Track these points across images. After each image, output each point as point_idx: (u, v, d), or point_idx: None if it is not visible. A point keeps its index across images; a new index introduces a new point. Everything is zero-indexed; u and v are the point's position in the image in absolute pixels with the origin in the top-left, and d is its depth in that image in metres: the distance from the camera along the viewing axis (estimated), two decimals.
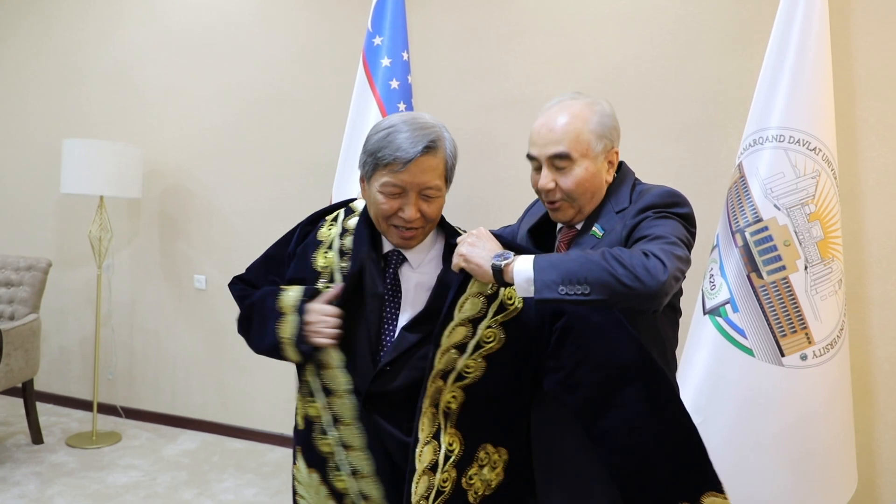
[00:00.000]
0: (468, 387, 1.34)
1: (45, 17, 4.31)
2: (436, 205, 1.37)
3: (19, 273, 3.70)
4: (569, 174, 1.47)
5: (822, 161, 2.42)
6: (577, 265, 1.20)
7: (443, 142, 1.35)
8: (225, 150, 3.92)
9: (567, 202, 1.49)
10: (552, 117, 1.50)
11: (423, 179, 1.33)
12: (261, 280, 1.59)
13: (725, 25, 2.96)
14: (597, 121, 1.49)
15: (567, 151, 1.46)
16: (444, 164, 1.36)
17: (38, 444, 3.65)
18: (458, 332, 1.34)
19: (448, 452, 1.32)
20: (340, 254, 1.45)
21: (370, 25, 2.97)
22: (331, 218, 1.53)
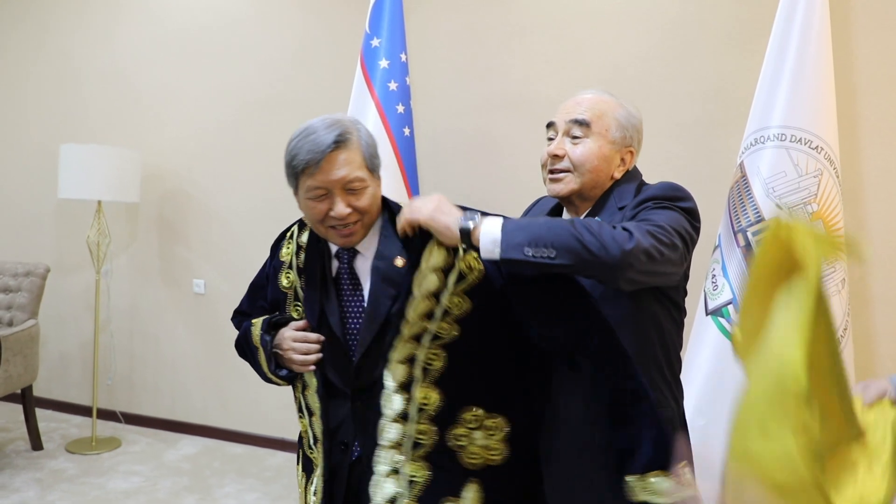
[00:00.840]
0: (447, 346, 1.33)
1: (41, 22, 4.30)
2: (365, 196, 1.35)
3: (17, 279, 3.68)
4: (581, 144, 1.48)
5: (824, 160, 2.41)
6: (544, 229, 1.21)
7: (353, 133, 1.34)
8: (223, 153, 3.91)
9: (570, 174, 1.50)
10: (583, 95, 1.55)
11: (342, 174, 1.31)
12: (252, 308, 1.64)
13: (725, 24, 2.94)
14: (624, 113, 1.52)
15: (588, 119, 1.48)
16: (361, 154, 1.34)
17: (38, 451, 3.63)
18: (423, 305, 1.32)
19: (422, 404, 1.32)
20: (298, 271, 1.47)
21: (368, 27, 2.96)
22: (288, 235, 1.55)
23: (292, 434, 3.55)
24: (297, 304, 1.47)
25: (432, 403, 1.33)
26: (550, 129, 1.56)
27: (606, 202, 1.50)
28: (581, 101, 1.52)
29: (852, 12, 2.74)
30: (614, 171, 1.52)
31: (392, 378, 1.33)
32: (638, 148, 1.58)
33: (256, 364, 1.52)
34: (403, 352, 1.33)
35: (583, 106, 1.51)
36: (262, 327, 1.47)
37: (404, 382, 1.33)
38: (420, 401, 1.32)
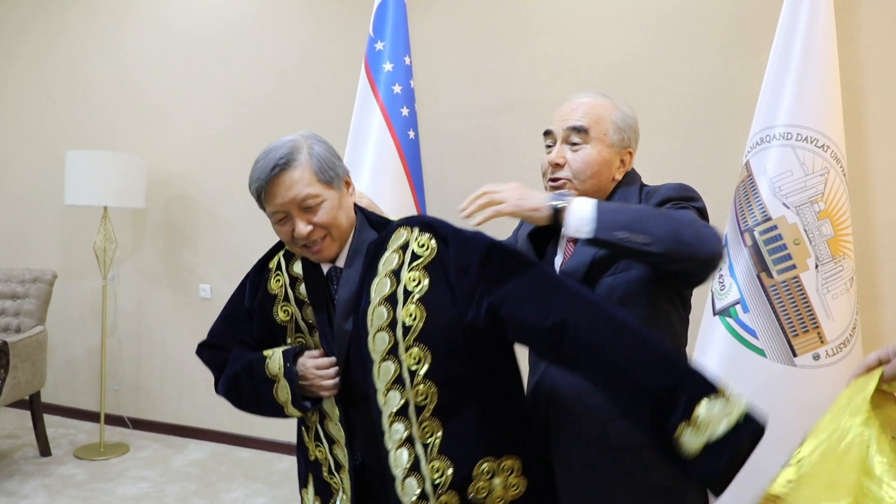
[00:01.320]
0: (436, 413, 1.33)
1: (48, 29, 4.32)
2: (324, 211, 1.34)
3: (25, 285, 3.69)
4: (581, 151, 1.47)
5: (830, 158, 2.39)
6: (642, 215, 1.22)
7: (300, 152, 1.34)
8: (229, 158, 3.92)
9: (571, 182, 1.49)
10: (578, 100, 1.53)
11: (291, 195, 1.32)
12: (227, 342, 1.58)
13: (728, 23, 2.93)
14: (620, 115, 1.51)
15: (586, 126, 1.47)
16: (310, 170, 1.34)
17: (46, 457, 3.64)
18: (384, 283, 1.35)
19: (435, 481, 1.31)
20: (299, 303, 1.45)
21: (371, 30, 2.96)
22: (274, 267, 1.52)
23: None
24: (300, 336, 1.45)
25: (445, 475, 1.32)
26: (548, 136, 1.55)
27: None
28: (577, 107, 1.51)
29: (857, 8, 2.73)
30: (615, 174, 1.52)
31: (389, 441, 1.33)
32: (636, 147, 1.57)
33: (265, 399, 1.44)
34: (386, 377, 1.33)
35: (579, 112, 1.50)
36: (284, 359, 1.41)
37: (413, 464, 1.32)
38: (433, 478, 1.32)
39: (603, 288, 1.41)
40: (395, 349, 1.33)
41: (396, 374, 1.33)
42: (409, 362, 1.32)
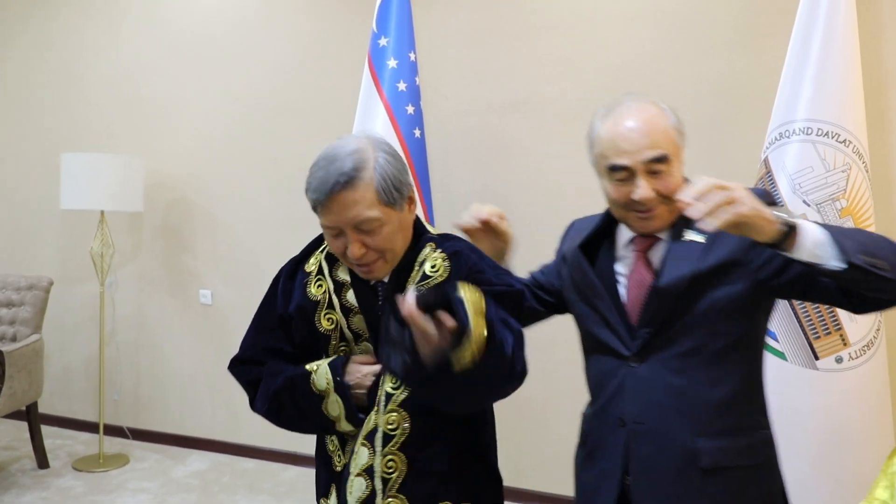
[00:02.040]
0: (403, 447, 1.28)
1: (43, 30, 4.25)
2: (381, 235, 1.25)
3: (20, 293, 3.62)
4: (666, 177, 1.34)
5: (852, 153, 2.33)
6: (871, 241, 1.15)
7: (366, 168, 1.22)
8: (229, 160, 3.85)
9: (665, 206, 1.35)
10: (637, 120, 1.36)
11: (349, 216, 1.22)
12: (262, 354, 1.47)
13: (738, 20, 2.89)
14: (673, 117, 1.41)
15: (666, 153, 1.33)
16: (373, 190, 1.22)
17: (44, 469, 3.56)
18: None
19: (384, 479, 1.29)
20: (345, 311, 1.36)
21: (375, 26, 2.89)
22: (314, 271, 1.42)
23: (306, 448, 3.46)
24: (344, 345, 1.37)
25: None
26: (619, 172, 1.36)
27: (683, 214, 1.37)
28: (646, 133, 1.34)
29: (880, 1, 2.66)
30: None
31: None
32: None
33: (312, 415, 1.35)
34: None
35: (651, 137, 1.34)
36: (333, 372, 1.31)
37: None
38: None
39: (705, 302, 1.33)
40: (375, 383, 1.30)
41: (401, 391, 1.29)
42: (389, 385, 1.28)
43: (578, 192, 3.17)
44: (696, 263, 1.33)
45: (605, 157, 1.37)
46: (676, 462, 1.33)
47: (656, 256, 1.41)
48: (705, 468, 1.32)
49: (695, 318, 1.34)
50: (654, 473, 1.35)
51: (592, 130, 1.44)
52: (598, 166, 1.43)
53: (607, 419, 1.43)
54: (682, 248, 1.36)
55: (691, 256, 1.34)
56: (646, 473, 1.36)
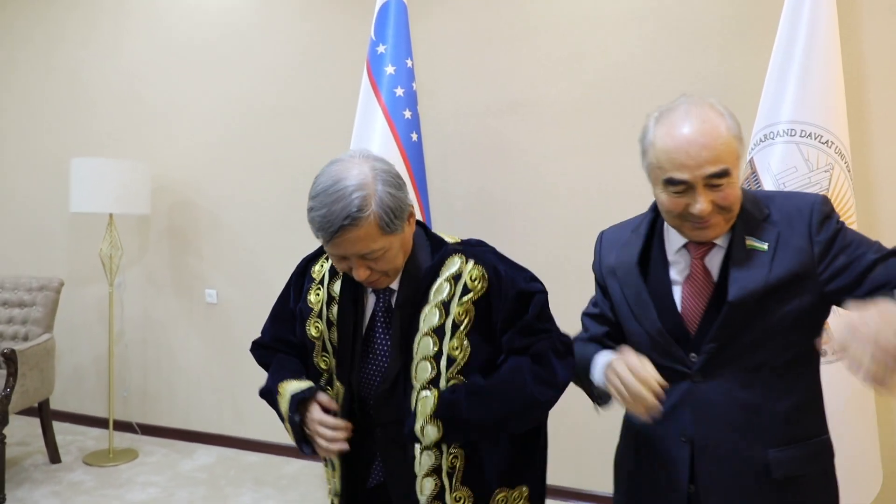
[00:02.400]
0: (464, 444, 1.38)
1: (49, 37, 4.33)
2: (385, 260, 1.32)
3: (32, 293, 3.71)
4: (725, 189, 1.26)
5: (834, 154, 2.39)
6: None
7: (367, 207, 1.25)
8: (232, 163, 3.93)
9: (722, 216, 1.30)
10: (696, 130, 1.25)
11: (355, 250, 1.28)
12: (275, 341, 1.58)
13: (729, 22, 2.93)
14: (732, 122, 1.29)
15: (728, 168, 1.25)
16: (376, 226, 1.27)
17: (56, 464, 3.65)
18: (433, 313, 1.36)
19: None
20: (328, 324, 1.47)
21: (373, 34, 2.96)
22: (318, 278, 1.51)
23: None
24: (325, 356, 1.46)
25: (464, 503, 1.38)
26: (675, 185, 1.28)
27: (744, 216, 1.33)
28: (707, 145, 1.24)
29: (859, 4, 2.72)
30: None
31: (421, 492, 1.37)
32: None
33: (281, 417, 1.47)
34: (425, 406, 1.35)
35: (712, 151, 1.24)
36: (290, 406, 1.38)
37: (437, 492, 1.37)
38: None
39: (775, 316, 1.28)
40: (436, 380, 1.35)
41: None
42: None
43: (576, 193, 3.24)
44: (765, 276, 1.28)
45: (662, 168, 1.28)
46: (748, 476, 1.31)
47: (714, 263, 1.35)
48: (778, 479, 1.31)
49: (765, 333, 1.29)
50: (724, 488, 1.33)
51: (645, 136, 1.35)
52: (651, 175, 1.34)
53: (667, 434, 1.39)
54: (745, 256, 1.31)
55: (758, 268, 1.29)
56: (716, 488, 1.34)
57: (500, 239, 3.26)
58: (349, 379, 1.41)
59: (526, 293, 1.38)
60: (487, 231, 3.32)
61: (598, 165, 3.17)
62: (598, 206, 3.18)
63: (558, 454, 3.37)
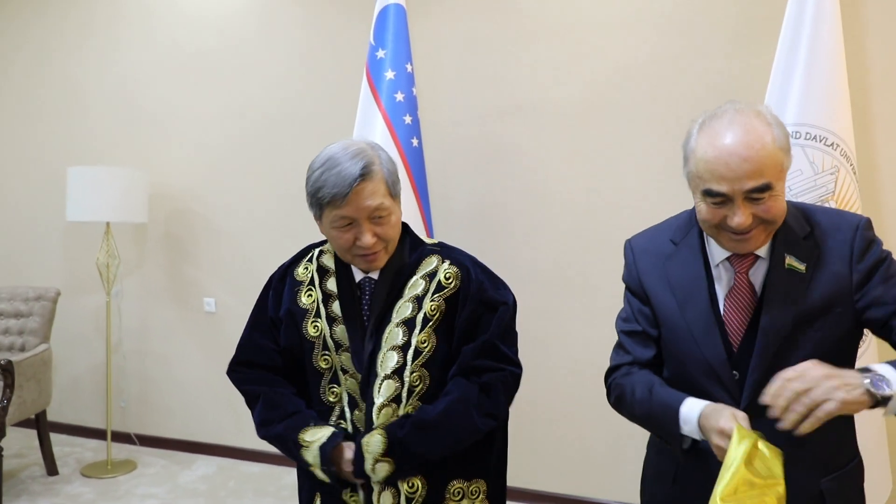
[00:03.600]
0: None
1: (44, 44, 4.30)
2: (388, 224, 1.40)
3: (28, 303, 3.67)
4: (767, 203, 1.21)
5: (839, 156, 2.37)
6: None
7: (376, 164, 1.37)
8: (230, 170, 3.90)
9: (762, 228, 1.25)
10: (739, 141, 1.20)
11: (367, 205, 1.35)
12: (255, 355, 1.57)
13: (733, 24, 2.92)
14: (780, 133, 1.23)
15: (769, 182, 1.20)
16: (384, 182, 1.38)
17: (54, 476, 3.61)
18: (406, 306, 1.44)
19: (409, 496, 1.41)
20: (330, 320, 1.48)
21: (372, 39, 2.94)
22: (306, 280, 1.53)
23: None
24: (326, 353, 1.47)
25: (419, 492, 1.42)
26: (714, 196, 1.23)
27: (784, 233, 1.29)
28: (748, 158, 1.19)
29: (863, 5, 2.71)
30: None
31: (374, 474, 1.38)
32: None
33: (291, 455, 1.51)
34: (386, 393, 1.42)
35: (753, 164, 1.19)
36: (322, 460, 1.40)
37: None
38: (407, 492, 1.41)
39: (809, 343, 1.24)
40: (401, 370, 1.41)
41: (396, 393, 1.41)
42: (412, 383, 1.42)
43: (577, 197, 3.22)
44: (800, 302, 1.25)
45: (701, 178, 1.24)
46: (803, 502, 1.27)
47: (758, 278, 1.30)
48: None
49: (801, 361, 1.20)
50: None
51: (687, 142, 1.32)
52: (691, 183, 1.30)
53: (711, 466, 1.22)
54: (783, 278, 1.27)
55: (794, 291, 1.26)
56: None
57: (501, 244, 3.27)
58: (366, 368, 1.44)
59: (491, 302, 1.46)
60: (488, 236, 3.30)
61: (600, 169, 3.15)
62: (600, 210, 3.16)
63: (548, 459, 3.37)
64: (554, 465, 3.27)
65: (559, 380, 3.13)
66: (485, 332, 1.44)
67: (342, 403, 1.47)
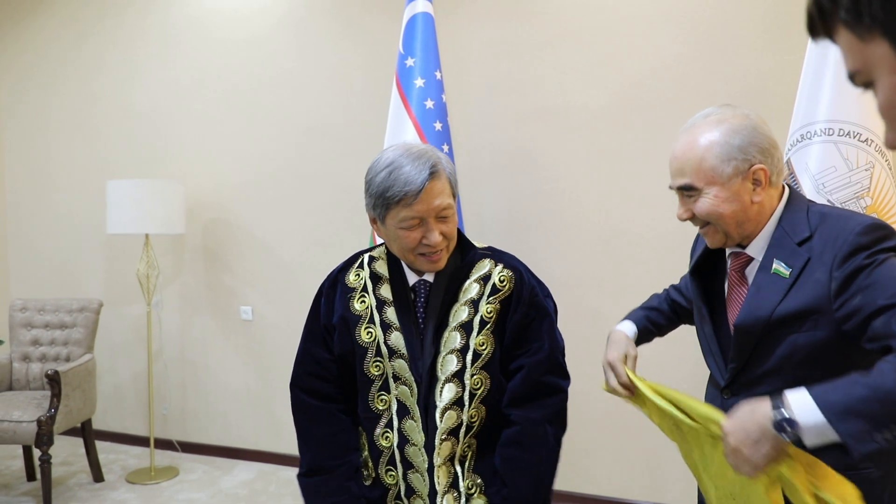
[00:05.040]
0: (478, 434, 1.47)
1: (86, 62, 4.39)
2: (452, 223, 1.44)
3: (72, 315, 3.77)
4: (698, 202, 1.35)
5: (874, 152, 2.35)
6: (873, 403, 1.02)
7: (440, 164, 1.41)
8: (264, 181, 3.97)
9: (711, 226, 1.38)
10: (678, 145, 1.39)
11: (437, 204, 1.39)
12: (314, 367, 1.57)
13: (761, 20, 2.90)
14: (722, 143, 1.32)
15: (690, 182, 1.35)
16: (449, 182, 1.43)
17: (100, 482, 3.71)
18: (462, 310, 1.46)
19: (468, 495, 1.45)
20: (384, 327, 1.49)
21: (401, 47, 2.98)
22: (359, 287, 1.54)
23: None
24: (379, 360, 1.48)
25: (476, 490, 1.47)
26: (675, 191, 1.43)
27: (778, 237, 1.33)
28: (676, 158, 1.38)
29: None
30: (752, 198, 1.33)
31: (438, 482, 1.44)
32: (765, 157, 1.34)
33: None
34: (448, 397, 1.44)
35: (678, 164, 1.37)
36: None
37: (452, 481, 1.45)
38: (468, 492, 1.45)
39: (786, 346, 1.28)
40: (461, 373, 1.43)
41: (458, 397, 1.43)
42: (473, 386, 1.44)
43: (606, 200, 3.22)
44: (776, 305, 1.28)
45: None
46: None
47: (751, 277, 1.38)
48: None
49: (778, 362, 1.30)
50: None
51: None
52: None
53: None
54: (766, 280, 1.32)
55: (772, 294, 1.30)
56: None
57: (532, 247, 3.29)
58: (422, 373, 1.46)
59: (541, 307, 1.50)
60: (519, 240, 3.32)
61: (630, 171, 3.16)
62: (629, 212, 3.16)
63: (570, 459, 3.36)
64: (593, 468, 3.27)
65: (596, 384, 3.13)
66: (536, 337, 1.48)
67: (391, 412, 1.47)
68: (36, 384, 3.67)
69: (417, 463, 1.45)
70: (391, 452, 1.47)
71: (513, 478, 1.42)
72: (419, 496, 1.45)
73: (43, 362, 3.72)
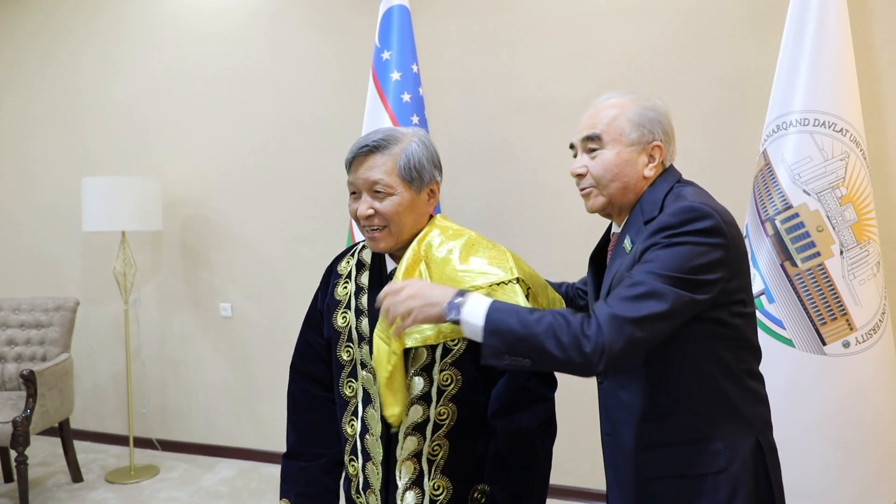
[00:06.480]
0: (449, 433, 1.40)
1: (54, 58, 4.35)
2: (389, 203, 1.39)
3: (49, 314, 3.72)
4: (598, 157, 1.42)
5: (849, 142, 2.36)
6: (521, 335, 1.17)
7: (394, 143, 1.39)
8: (241, 176, 3.93)
9: (596, 189, 1.43)
10: (594, 105, 1.50)
11: (368, 176, 1.38)
12: (308, 350, 1.61)
13: (738, 11, 2.91)
14: (637, 111, 1.44)
15: (598, 133, 1.42)
16: (395, 161, 1.38)
17: (79, 483, 3.66)
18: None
19: (433, 497, 1.39)
20: (357, 312, 1.49)
21: (377, 41, 2.96)
22: (345, 274, 1.57)
23: None
24: (349, 346, 1.48)
25: (443, 494, 1.40)
26: (572, 149, 1.50)
27: (633, 215, 1.41)
28: (591, 114, 1.47)
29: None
30: (643, 171, 1.41)
31: (399, 477, 1.40)
32: (666, 140, 1.46)
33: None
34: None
35: (591, 119, 1.46)
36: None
37: (416, 478, 1.40)
38: (431, 493, 1.40)
39: None
40: (429, 367, 1.39)
41: (425, 391, 1.39)
42: (441, 382, 1.39)
43: None
44: (611, 280, 1.36)
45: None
46: (629, 472, 1.38)
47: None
48: (646, 479, 1.35)
49: None
50: (618, 482, 1.43)
51: None
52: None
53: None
54: (617, 254, 1.41)
55: (620, 260, 1.37)
56: (614, 482, 1.45)
57: (512, 241, 3.28)
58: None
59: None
60: (499, 233, 3.31)
61: None
62: None
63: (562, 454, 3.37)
64: (579, 461, 3.28)
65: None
66: None
67: (356, 399, 1.47)
68: (12, 384, 3.62)
69: (374, 454, 1.43)
70: (354, 442, 1.47)
71: (503, 499, 1.38)
72: (372, 491, 1.43)
73: (18, 362, 3.66)
